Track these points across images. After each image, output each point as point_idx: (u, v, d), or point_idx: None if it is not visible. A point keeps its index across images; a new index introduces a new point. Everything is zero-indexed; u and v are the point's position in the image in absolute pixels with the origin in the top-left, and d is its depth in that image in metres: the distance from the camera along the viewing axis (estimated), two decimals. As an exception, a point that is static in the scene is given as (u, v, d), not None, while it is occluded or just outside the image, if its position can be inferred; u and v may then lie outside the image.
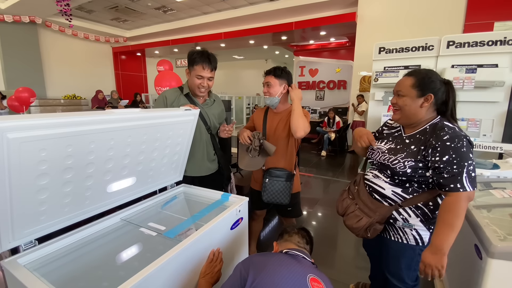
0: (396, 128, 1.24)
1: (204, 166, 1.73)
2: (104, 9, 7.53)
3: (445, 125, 1.04)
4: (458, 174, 0.96)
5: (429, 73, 1.10)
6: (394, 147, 1.16)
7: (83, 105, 8.69)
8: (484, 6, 4.72)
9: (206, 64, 1.52)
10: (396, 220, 1.13)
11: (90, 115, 0.90)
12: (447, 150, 0.98)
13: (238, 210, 1.32)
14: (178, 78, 2.50)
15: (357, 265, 2.14)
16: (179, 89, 1.67)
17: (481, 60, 3.24)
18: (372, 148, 1.26)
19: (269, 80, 1.62)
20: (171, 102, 1.61)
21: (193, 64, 1.53)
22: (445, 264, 0.97)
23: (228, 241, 1.27)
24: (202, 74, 1.53)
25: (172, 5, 7.17)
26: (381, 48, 3.84)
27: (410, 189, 1.11)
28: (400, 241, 1.16)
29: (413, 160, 1.06)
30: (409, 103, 1.09)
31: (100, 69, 10.12)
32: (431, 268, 0.98)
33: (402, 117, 1.14)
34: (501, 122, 3.26)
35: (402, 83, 1.12)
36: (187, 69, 1.59)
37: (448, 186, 0.98)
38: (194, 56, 1.53)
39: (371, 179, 1.24)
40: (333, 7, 6.45)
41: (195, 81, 1.55)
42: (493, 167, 2.12)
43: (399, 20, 5.47)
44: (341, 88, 8.85)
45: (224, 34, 8.10)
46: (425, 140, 1.06)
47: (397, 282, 1.22)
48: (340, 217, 1.34)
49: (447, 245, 0.96)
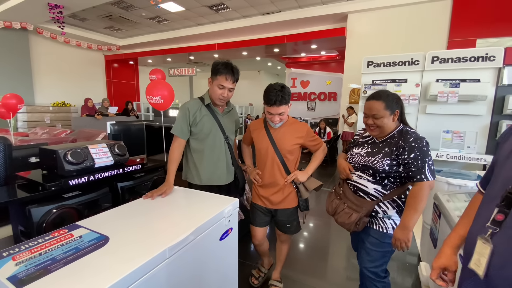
0: (369, 136, 1.49)
1: (224, 175, 1.77)
2: (98, 18, 7.54)
3: (408, 130, 1.33)
4: (422, 167, 1.23)
5: (390, 94, 1.35)
6: (371, 151, 1.40)
7: (72, 112, 8.54)
8: (467, 24, 4.97)
9: (229, 75, 1.58)
10: (377, 213, 1.38)
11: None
12: (413, 149, 1.25)
13: (227, 220, 1.31)
14: (170, 88, 2.50)
15: (348, 276, 2.13)
16: (200, 100, 1.71)
17: (464, 75, 3.37)
18: (351, 153, 1.51)
19: (284, 110, 1.54)
20: (193, 112, 1.65)
21: (217, 74, 1.59)
22: (410, 238, 1.23)
23: (217, 252, 1.25)
24: (224, 84, 1.59)
25: (166, 16, 7.25)
26: (369, 62, 3.97)
27: (387, 186, 1.36)
28: (380, 230, 1.38)
29: (389, 159, 1.31)
30: (385, 122, 1.34)
31: (92, 77, 10.02)
32: (399, 242, 1.24)
33: (380, 132, 1.38)
34: (484, 135, 3.37)
35: (375, 108, 1.34)
36: (210, 79, 1.65)
37: (415, 177, 1.24)
38: (219, 67, 1.58)
39: (355, 179, 1.45)
40: (323, 22, 6.66)
41: (217, 90, 1.61)
42: (477, 179, 2.18)
43: (387, 36, 5.68)
44: (332, 99, 9.05)
45: (217, 45, 8.21)
46: (395, 143, 1.32)
47: (373, 274, 1.41)
48: (331, 227, 1.39)
49: (412, 223, 1.23)
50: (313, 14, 6.33)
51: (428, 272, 1.87)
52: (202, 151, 1.70)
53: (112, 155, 1.64)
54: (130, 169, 1.76)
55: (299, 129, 1.66)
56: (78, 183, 1.45)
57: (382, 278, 1.41)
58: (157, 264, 0.88)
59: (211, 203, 1.35)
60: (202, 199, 1.44)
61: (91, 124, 6.14)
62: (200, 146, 1.70)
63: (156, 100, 2.45)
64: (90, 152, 1.53)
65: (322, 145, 1.75)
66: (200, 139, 1.69)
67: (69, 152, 1.43)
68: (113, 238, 0.97)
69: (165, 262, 0.91)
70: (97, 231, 1.02)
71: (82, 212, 1.42)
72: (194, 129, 1.67)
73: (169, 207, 1.33)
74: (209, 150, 1.70)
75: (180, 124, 1.65)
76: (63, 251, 0.89)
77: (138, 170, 1.83)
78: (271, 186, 1.69)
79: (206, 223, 1.14)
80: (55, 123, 7.93)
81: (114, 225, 1.08)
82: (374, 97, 1.36)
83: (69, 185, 1.41)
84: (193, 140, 1.71)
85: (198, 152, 1.71)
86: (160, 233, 1.03)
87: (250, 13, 6.92)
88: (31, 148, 1.99)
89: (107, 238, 0.97)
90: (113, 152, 1.64)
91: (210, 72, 1.65)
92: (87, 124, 6.14)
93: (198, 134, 1.68)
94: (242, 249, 2.42)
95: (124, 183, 1.71)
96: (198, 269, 1.12)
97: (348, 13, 6.04)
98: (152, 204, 1.34)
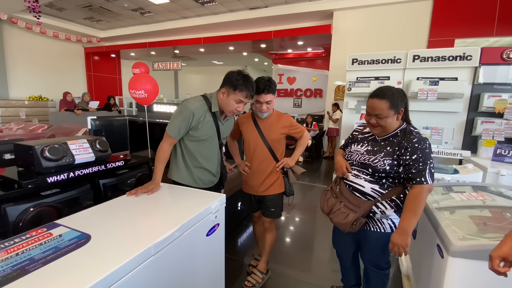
0: (369, 133, 1.42)
1: (215, 178, 1.74)
2: (77, 8, 7.20)
3: (412, 130, 1.27)
4: (423, 170, 1.18)
5: (395, 92, 1.27)
6: (372, 149, 1.34)
7: (50, 107, 8.15)
8: (446, 24, 5.16)
9: (249, 93, 1.51)
10: (375, 213, 1.32)
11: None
12: (415, 150, 1.20)
13: (214, 216, 1.30)
14: (154, 82, 2.43)
15: (333, 268, 2.19)
16: (206, 103, 1.57)
17: (443, 74, 3.51)
18: (350, 150, 1.44)
19: (271, 99, 1.66)
20: (198, 118, 1.52)
21: (236, 89, 1.48)
22: (409, 243, 1.16)
23: (204, 248, 1.25)
24: (243, 100, 1.51)
25: (150, 8, 7.03)
26: (354, 59, 4.04)
27: (385, 185, 1.30)
28: (378, 230, 1.35)
29: (391, 158, 1.26)
30: (389, 121, 1.28)
31: (71, 70, 9.58)
32: (398, 247, 1.17)
33: (383, 131, 1.32)
34: (460, 131, 3.54)
35: (379, 107, 1.26)
36: (224, 89, 1.52)
37: (414, 179, 1.20)
38: (240, 82, 1.47)
39: (351, 178, 1.39)
40: (310, 19, 6.70)
41: (233, 104, 1.52)
42: (454, 172, 2.30)
43: (371, 34, 5.80)
44: (318, 96, 9.15)
45: (203, 39, 8.07)
46: (398, 142, 1.26)
47: (376, 268, 1.43)
48: (317, 221, 1.41)
49: (411, 228, 1.17)
50: (300, 11, 6.34)
51: (408, 263, 1.95)
52: (197, 154, 1.62)
53: (94, 151, 1.58)
54: (113, 166, 1.71)
55: (284, 120, 1.80)
56: (57, 180, 1.40)
57: (384, 270, 1.43)
58: (142, 262, 0.86)
59: (198, 199, 1.34)
60: (188, 195, 1.43)
61: (70, 120, 5.90)
62: (197, 149, 1.61)
63: (140, 95, 2.39)
64: (69, 148, 1.47)
65: (304, 131, 1.88)
66: (198, 143, 1.60)
67: (46, 148, 1.37)
68: (95, 236, 0.94)
69: (151, 259, 0.90)
70: (78, 229, 0.99)
71: (62, 211, 1.37)
72: (193, 132, 1.56)
73: (154, 204, 1.31)
74: (205, 153, 1.63)
75: (179, 125, 1.50)
76: (41, 251, 0.85)
77: (121, 167, 1.78)
78: (260, 174, 1.80)
79: (193, 219, 1.13)
80: (31, 118, 7.56)
81: (96, 223, 1.05)
82: (378, 95, 1.27)
83: (47, 183, 1.36)
84: (191, 143, 1.60)
85: (194, 156, 1.62)
86: (145, 230, 1.01)
87: (237, 8, 6.84)
88: (6, 144, 1.89)
89: (89, 236, 0.94)
90: (94, 148, 1.59)
91: (225, 81, 1.53)
92: (66, 120, 5.89)
93: (197, 138, 1.58)
94: (229, 244, 2.43)
95: (107, 180, 1.66)
96: (185, 265, 1.12)
97: (334, 10, 6.10)
98: (136, 201, 1.31)
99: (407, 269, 1.94)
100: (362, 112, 3.95)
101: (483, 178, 2.38)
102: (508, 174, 2.33)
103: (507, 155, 2.55)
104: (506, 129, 3.21)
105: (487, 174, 2.39)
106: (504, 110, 3.22)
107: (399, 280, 2.00)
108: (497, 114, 3.27)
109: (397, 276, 2.06)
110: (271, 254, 2.25)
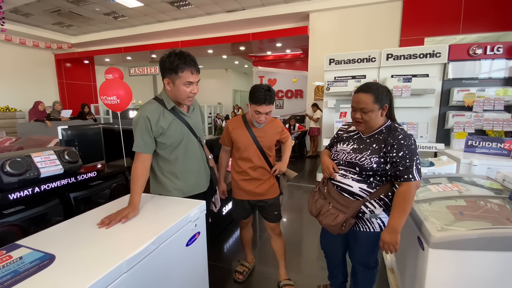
0: (354, 131, 1.41)
1: (204, 180, 1.58)
2: (44, 13, 6.85)
3: (397, 127, 1.27)
4: (410, 167, 1.18)
5: (379, 86, 1.27)
6: (358, 147, 1.32)
7: (18, 118, 7.67)
8: (416, 23, 5.40)
9: (193, 67, 1.32)
10: (364, 213, 1.31)
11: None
12: (402, 147, 1.19)
13: (194, 224, 1.25)
14: (126, 87, 2.33)
15: (322, 266, 2.18)
16: (160, 104, 1.40)
17: (415, 71, 3.66)
18: (336, 149, 1.42)
19: (270, 110, 1.61)
20: (155, 121, 1.34)
21: (178, 71, 1.29)
22: (399, 241, 1.18)
23: (184, 259, 1.19)
24: (191, 80, 1.33)
25: (123, 11, 6.82)
26: (331, 59, 4.12)
27: (373, 184, 1.29)
28: (368, 230, 1.33)
29: (377, 156, 1.25)
30: (374, 117, 1.26)
31: (40, 78, 9.09)
32: (387, 245, 1.18)
33: (367, 128, 1.31)
34: (434, 125, 3.69)
35: (364, 101, 1.25)
36: (167, 79, 1.35)
37: (402, 177, 1.19)
38: (177, 62, 1.28)
39: (338, 178, 1.37)
40: (287, 21, 6.78)
41: (184, 89, 1.33)
42: (430, 165, 2.37)
43: (346, 34, 5.96)
44: (298, 97, 9.27)
45: (181, 42, 7.95)
46: (384, 139, 1.25)
47: (365, 267, 1.43)
48: (303, 221, 1.37)
49: (400, 225, 1.17)
50: (276, 13, 6.41)
51: (392, 256, 1.98)
52: (176, 161, 1.45)
53: (62, 162, 1.48)
54: (84, 177, 1.61)
55: (276, 125, 1.78)
56: (21, 196, 1.29)
57: (373, 269, 1.43)
58: (113, 281, 0.80)
59: (176, 208, 1.28)
60: (165, 204, 1.35)
61: (41, 130, 5.56)
62: (173, 155, 1.44)
63: (111, 101, 2.28)
64: (34, 161, 1.37)
65: (289, 137, 1.91)
66: (172, 148, 1.43)
67: (7, 162, 1.26)
68: (60, 256, 0.86)
69: (123, 277, 0.83)
70: (40, 249, 0.90)
71: (28, 229, 1.27)
72: (162, 139, 1.38)
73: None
74: (185, 157, 1.47)
75: (141, 137, 1.33)
76: (-3, 277, 0.77)
77: (93, 178, 1.68)
78: (256, 180, 1.75)
79: (170, 230, 1.07)
80: (-2, 131, 7.07)
81: (61, 241, 0.97)
82: (362, 90, 1.27)
83: (9, 200, 1.25)
84: (163, 150, 1.42)
85: (172, 163, 1.45)
86: (117, 245, 0.94)
87: (214, 10, 6.79)
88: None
89: (53, 256, 0.86)
90: (62, 160, 1.49)
91: (162, 71, 1.35)
92: (36, 131, 5.54)
93: (169, 144, 1.41)
94: (213, 252, 2.37)
95: (78, 193, 1.56)
96: (163, 279, 1.05)
97: (310, 12, 6.22)
98: (108, 213, 1.21)
99: (391, 263, 1.97)
100: (341, 110, 4.03)
101: (457, 169, 2.47)
102: (480, 164, 2.43)
103: (478, 146, 2.68)
104: (475, 121, 3.38)
105: (461, 165, 2.49)
106: (472, 103, 3.39)
107: (383, 273, 2.03)
108: (467, 107, 3.44)
109: (381, 269, 2.09)
110: (257, 257, 2.22)
